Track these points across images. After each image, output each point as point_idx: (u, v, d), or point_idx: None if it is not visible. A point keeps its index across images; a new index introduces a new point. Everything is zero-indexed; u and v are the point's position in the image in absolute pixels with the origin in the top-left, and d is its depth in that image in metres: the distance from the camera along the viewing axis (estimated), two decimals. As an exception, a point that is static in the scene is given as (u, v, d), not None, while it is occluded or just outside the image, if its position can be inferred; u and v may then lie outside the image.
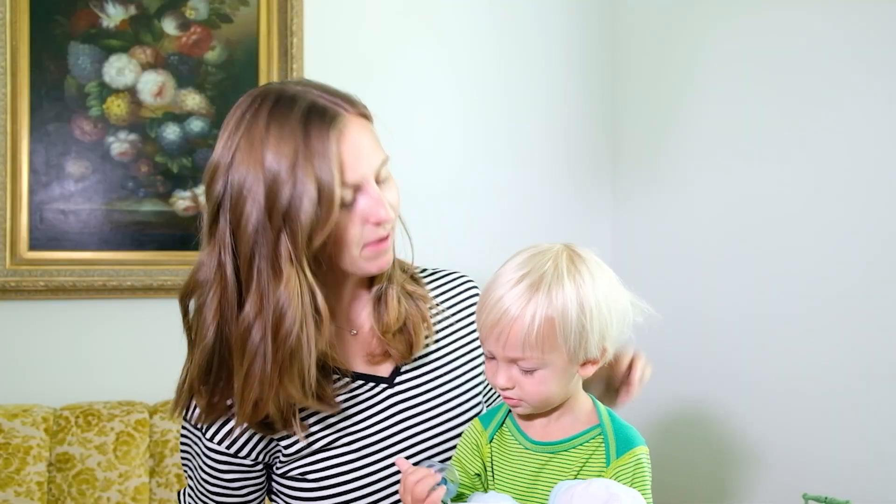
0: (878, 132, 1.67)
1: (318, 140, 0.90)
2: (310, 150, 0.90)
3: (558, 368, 0.90)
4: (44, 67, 1.98)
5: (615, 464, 0.90)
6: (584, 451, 0.92)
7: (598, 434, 0.93)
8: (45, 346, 1.98)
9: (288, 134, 0.90)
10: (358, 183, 0.94)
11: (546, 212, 2.43)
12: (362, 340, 1.08)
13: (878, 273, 1.66)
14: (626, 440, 0.92)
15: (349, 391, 1.04)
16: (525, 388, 0.91)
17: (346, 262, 0.98)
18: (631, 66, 2.44)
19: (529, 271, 0.89)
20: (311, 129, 0.91)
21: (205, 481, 1.03)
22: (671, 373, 2.24)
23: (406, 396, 1.07)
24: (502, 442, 0.98)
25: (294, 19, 2.13)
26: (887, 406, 1.63)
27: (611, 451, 0.91)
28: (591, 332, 0.89)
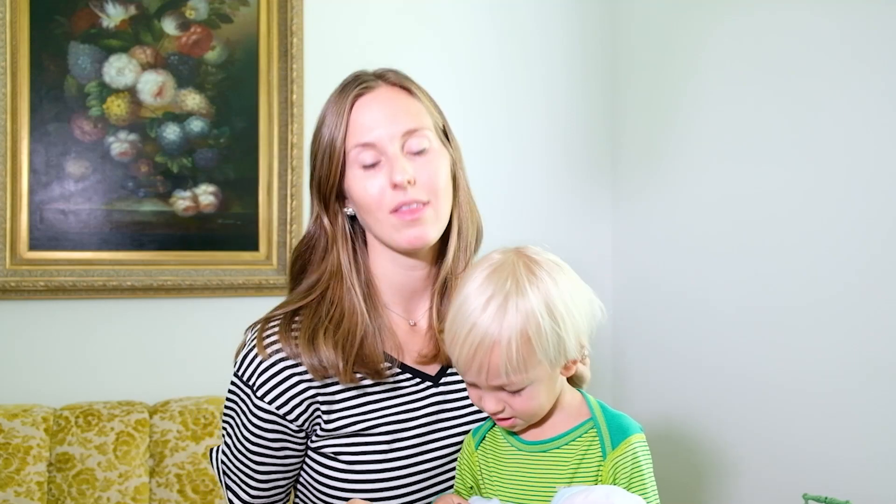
0: (876, 132, 1.67)
1: (339, 102, 1.04)
2: (332, 110, 1.04)
3: (544, 380, 0.89)
4: (44, 67, 1.98)
5: (611, 456, 0.89)
6: (578, 445, 0.91)
7: (591, 427, 0.92)
8: (45, 346, 1.98)
9: (331, 99, 1.07)
10: (373, 142, 1.02)
11: (546, 212, 2.43)
12: (419, 335, 1.10)
13: (877, 272, 1.66)
14: (620, 430, 0.91)
15: (395, 381, 1.06)
16: (516, 407, 0.90)
17: (375, 228, 1.05)
18: (631, 66, 2.44)
19: (493, 293, 0.87)
20: (341, 94, 1.05)
21: (247, 440, 1.03)
22: (671, 371, 2.24)
23: (449, 398, 1.08)
24: (494, 445, 0.97)
25: (294, 19, 2.13)
26: (887, 406, 1.63)
27: (606, 444, 0.90)
28: (567, 335, 0.88)
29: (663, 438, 2.25)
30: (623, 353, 2.45)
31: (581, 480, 0.89)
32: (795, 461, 1.83)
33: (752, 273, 1.96)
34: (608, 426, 0.91)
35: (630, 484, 0.88)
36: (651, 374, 2.33)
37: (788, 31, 1.87)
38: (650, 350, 2.34)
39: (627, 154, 2.45)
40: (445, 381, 1.09)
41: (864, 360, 1.68)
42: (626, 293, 2.45)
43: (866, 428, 1.68)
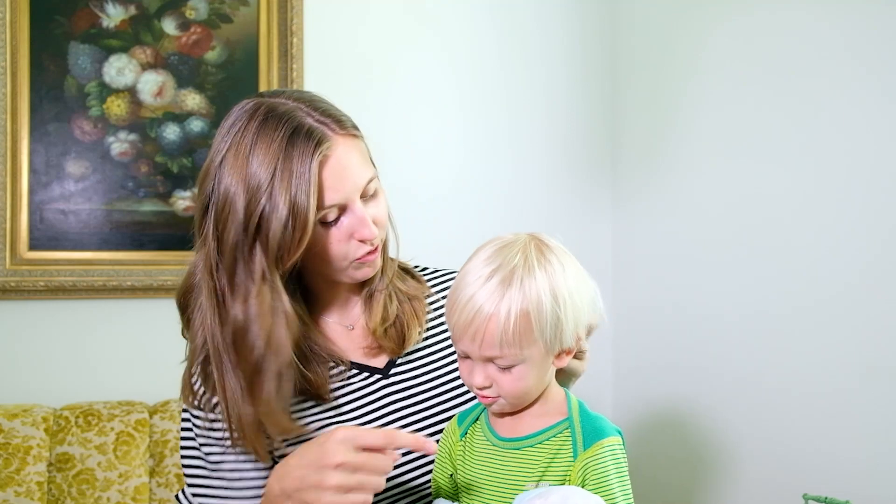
0: (876, 133, 1.67)
1: (298, 162, 0.92)
2: (288, 172, 0.92)
3: (535, 362, 0.88)
4: (44, 67, 1.98)
5: (582, 457, 0.87)
6: (551, 445, 0.90)
7: (565, 428, 0.90)
8: (45, 346, 1.98)
9: (271, 152, 0.92)
10: (342, 203, 0.96)
11: (546, 212, 2.43)
12: (359, 335, 1.10)
13: (878, 272, 1.66)
14: (594, 432, 0.89)
15: (344, 380, 1.06)
16: (503, 385, 0.89)
17: (332, 274, 1.01)
18: (631, 66, 2.44)
19: (499, 266, 0.87)
20: (293, 150, 0.93)
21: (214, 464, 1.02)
22: (671, 371, 2.24)
23: (400, 388, 1.08)
24: (472, 438, 0.97)
25: (294, 19, 2.13)
26: (887, 406, 1.63)
27: (578, 445, 0.88)
28: (566, 321, 0.87)
29: (663, 438, 2.25)
30: (623, 353, 2.45)
31: (549, 480, 0.88)
32: (795, 461, 1.83)
33: (752, 273, 1.96)
34: (583, 427, 0.90)
35: (598, 487, 0.86)
36: (651, 374, 2.33)
37: (788, 32, 1.87)
38: (650, 350, 2.34)
39: (627, 154, 2.45)
40: (394, 371, 1.09)
41: (865, 360, 1.68)
42: (626, 293, 2.45)
43: (866, 428, 1.68)
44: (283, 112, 0.95)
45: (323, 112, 0.97)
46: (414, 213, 2.31)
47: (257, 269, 0.94)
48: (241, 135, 0.95)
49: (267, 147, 0.93)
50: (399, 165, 2.28)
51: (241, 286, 0.95)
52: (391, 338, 1.08)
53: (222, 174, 0.94)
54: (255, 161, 0.92)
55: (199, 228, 0.98)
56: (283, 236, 0.92)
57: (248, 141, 0.94)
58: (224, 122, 0.98)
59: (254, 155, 0.93)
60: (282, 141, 0.93)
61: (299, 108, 0.96)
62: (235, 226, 0.93)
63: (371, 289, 1.09)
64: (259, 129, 0.94)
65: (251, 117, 0.95)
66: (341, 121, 0.98)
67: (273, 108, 0.96)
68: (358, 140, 1.00)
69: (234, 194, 0.93)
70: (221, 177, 0.94)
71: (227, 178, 0.94)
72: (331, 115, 0.98)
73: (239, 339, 0.95)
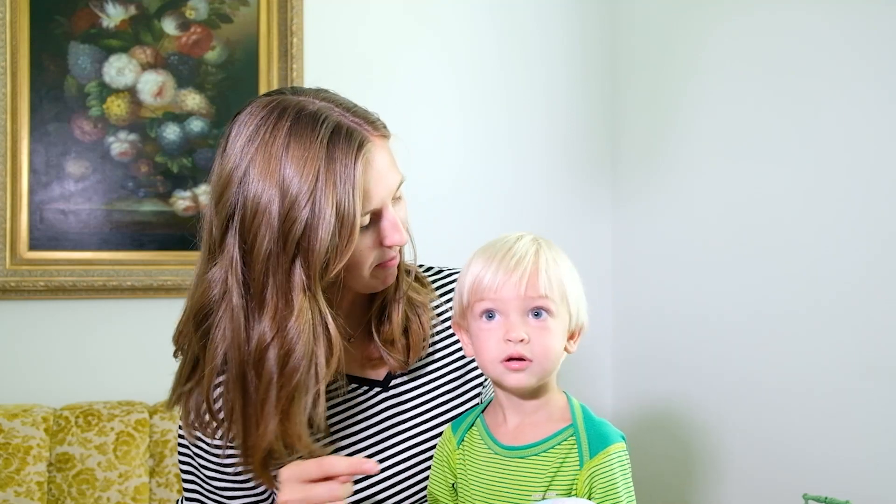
0: (877, 132, 1.67)
1: (342, 165, 0.86)
2: (332, 175, 0.85)
3: (562, 326, 0.91)
4: (44, 67, 1.98)
5: (588, 465, 0.87)
6: (557, 453, 0.89)
7: (570, 435, 0.89)
8: (45, 346, 1.98)
9: (311, 154, 0.85)
10: (377, 208, 0.93)
11: (546, 212, 2.43)
12: (359, 345, 1.06)
13: (878, 272, 1.66)
14: (600, 439, 0.88)
15: (344, 395, 1.03)
16: (537, 340, 0.88)
17: (355, 283, 0.97)
18: (631, 66, 2.44)
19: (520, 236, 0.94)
20: (335, 152, 0.86)
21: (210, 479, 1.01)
22: (671, 371, 2.24)
23: (400, 400, 1.06)
24: (471, 445, 0.95)
25: (294, 19, 2.13)
26: (887, 406, 1.63)
27: (584, 452, 0.87)
28: (580, 298, 0.93)
29: (663, 438, 2.25)
30: (623, 353, 2.45)
31: (557, 489, 0.87)
32: (795, 461, 1.83)
33: (752, 272, 1.96)
34: (588, 434, 0.89)
35: (605, 495, 0.86)
36: (651, 374, 2.33)
37: (788, 32, 1.87)
38: (650, 350, 2.34)
39: (627, 154, 2.45)
40: (395, 383, 1.06)
41: (865, 360, 1.68)
42: (626, 293, 2.45)
43: (866, 428, 1.68)
44: (317, 111, 0.89)
45: (354, 112, 0.93)
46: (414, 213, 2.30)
47: (297, 281, 0.87)
48: (270, 137, 0.87)
49: (305, 150, 0.85)
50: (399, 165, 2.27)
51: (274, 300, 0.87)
52: (399, 350, 1.04)
53: (249, 180, 0.86)
54: (292, 165, 0.85)
55: (220, 242, 0.90)
56: (331, 243, 0.85)
57: (280, 143, 0.86)
58: (241, 125, 0.90)
59: (289, 158, 0.85)
60: (322, 142, 0.86)
61: (331, 108, 0.91)
62: (270, 236, 0.86)
63: (387, 297, 1.04)
64: (293, 127, 0.87)
65: (280, 118, 0.88)
66: (374, 122, 0.95)
67: (303, 107, 0.89)
68: (387, 140, 0.98)
69: (268, 202, 0.85)
70: (248, 183, 0.86)
71: (256, 184, 0.86)
72: (362, 115, 0.94)
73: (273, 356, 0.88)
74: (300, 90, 0.94)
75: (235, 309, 0.89)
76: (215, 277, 0.91)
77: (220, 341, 0.90)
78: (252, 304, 0.89)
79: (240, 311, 0.89)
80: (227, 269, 0.89)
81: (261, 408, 0.89)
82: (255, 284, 0.88)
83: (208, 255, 0.93)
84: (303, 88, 0.95)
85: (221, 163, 0.90)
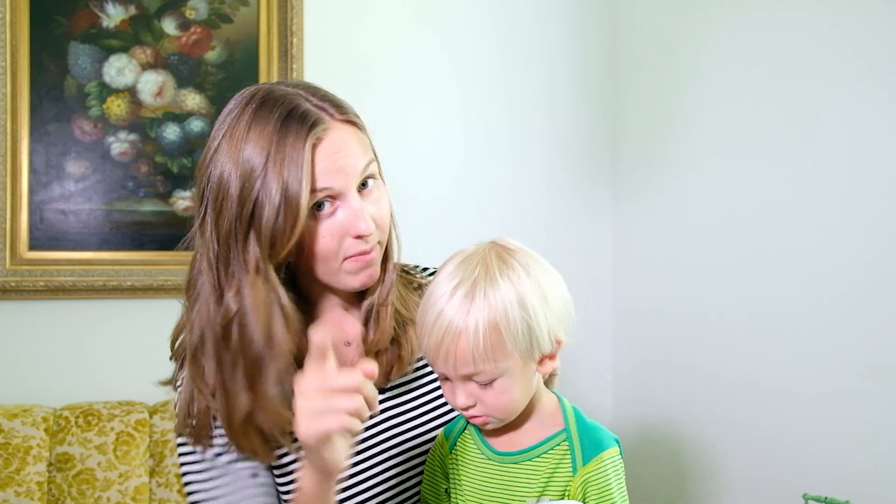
0: (878, 132, 1.67)
1: (291, 145, 0.88)
2: (281, 154, 0.88)
3: (516, 373, 0.85)
4: (44, 67, 1.98)
5: (581, 472, 0.86)
6: (550, 458, 0.87)
7: (563, 440, 0.88)
8: (45, 346, 1.98)
9: (265, 135, 0.89)
10: (335, 192, 0.92)
11: (546, 212, 2.43)
12: (354, 351, 1.05)
13: (879, 272, 1.66)
14: (593, 444, 0.87)
15: None
16: (487, 402, 0.86)
17: (324, 275, 0.96)
18: (631, 66, 2.44)
19: (461, 280, 0.84)
20: (286, 132, 0.89)
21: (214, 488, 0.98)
22: (671, 370, 2.24)
23: (400, 401, 1.05)
24: (464, 450, 0.93)
25: (294, 19, 2.13)
26: (887, 406, 1.63)
27: (577, 458, 0.86)
28: (539, 327, 0.85)
29: (663, 438, 2.25)
30: (623, 353, 2.45)
31: (551, 494, 0.86)
32: (795, 461, 1.83)
33: (752, 272, 1.96)
34: (581, 439, 0.87)
35: (599, 501, 0.85)
36: (651, 374, 2.33)
37: (788, 31, 1.87)
38: (651, 349, 2.34)
39: (627, 154, 2.45)
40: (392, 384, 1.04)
41: (865, 360, 1.68)
42: (626, 293, 2.45)
43: (866, 428, 1.68)
44: (280, 96, 0.92)
45: (322, 97, 0.94)
46: (414, 213, 2.31)
47: (251, 258, 0.90)
48: (236, 120, 0.91)
49: (261, 130, 0.89)
50: (399, 165, 2.27)
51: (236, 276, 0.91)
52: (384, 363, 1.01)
53: (216, 161, 0.91)
54: (249, 145, 0.89)
55: (200, 220, 0.94)
56: (276, 223, 0.88)
57: (242, 125, 0.90)
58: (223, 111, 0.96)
59: (248, 139, 0.89)
60: (276, 123, 0.89)
61: (298, 93, 0.93)
62: (230, 213, 0.90)
63: (372, 302, 1.02)
64: (255, 113, 0.91)
65: (248, 102, 0.92)
66: (341, 106, 0.95)
67: (270, 93, 0.93)
68: (358, 129, 0.96)
69: (229, 180, 0.90)
70: (216, 164, 0.91)
71: (221, 164, 0.91)
72: (329, 99, 0.94)
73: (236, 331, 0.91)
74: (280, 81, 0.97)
75: (208, 285, 0.93)
76: (199, 255, 0.95)
77: (197, 317, 0.94)
78: (221, 277, 0.93)
79: (211, 286, 0.93)
80: (205, 248, 0.93)
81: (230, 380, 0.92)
82: (222, 260, 0.92)
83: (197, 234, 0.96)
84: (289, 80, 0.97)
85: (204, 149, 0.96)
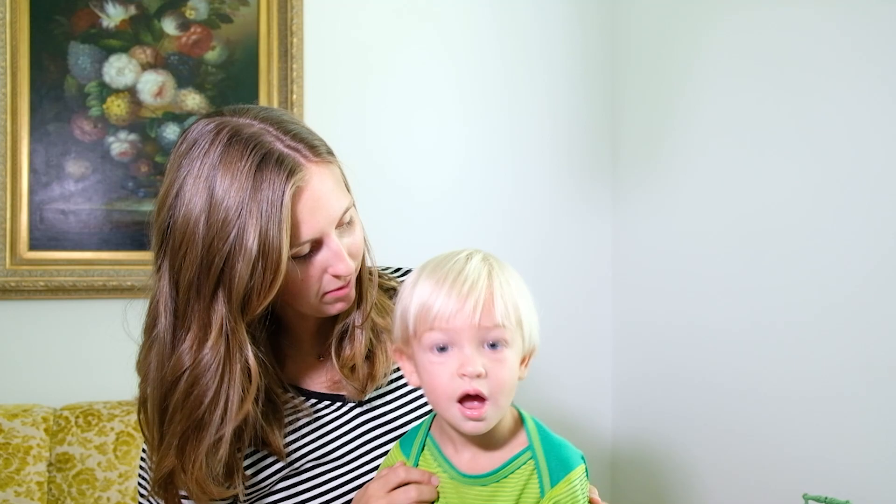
0: (881, 128, 1.66)
1: (269, 195, 0.82)
2: (258, 206, 0.81)
3: (517, 355, 0.84)
4: (44, 67, 1.98)
5: (550, 495, 0.83)
6: (517, 479, 0.84)
7: (529, 458, 0.85)
8: (45, 346, 1.98)
9: (237, 183, 0.82)
10: (316, 238, 0.87)
11: (546, 212, 2.43)
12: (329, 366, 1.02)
13: (881, 273, 1.66)
14: (560, 465, 0.84)
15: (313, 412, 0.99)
16: (496, 374, 0.81)
17: (302, 308, 0.93)
18: (631, 65, 2.44)
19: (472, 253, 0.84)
20: (262, 179, 0.82)
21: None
22: (671, 370, 2.24)
23: (376, 414, 1.02)
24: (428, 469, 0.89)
25: (294, 19, 2.13)
26: (887, 407, 1.63)
27: (544, 480, 0.83)
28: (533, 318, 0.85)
29: (663, 438, 2.25)
30: (623, 354, 2.45)
31: None
32: (795, 461, 1.83)
33: (753, 272, 1.96)
34: (547, 460, 0.84)
35: None
36: (651, 374, 2.33)
37: (788, 30, 1.87)
38: (651, 350, 2.34)
39: (628, 153, 2.45)
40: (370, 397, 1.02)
41: (865, 361, 1.68)
42: (626, 293, 2.45)
43: (866, 428, 1.68)
44: (250, 135, 0.84)
45: (294, 136, 0.87)
46: (414, 213, 2.31)
47: (216, 316, 0.84)
48: (200, 160, 0.83)
49: (232, 176, 0.82)
50: (399, 165, 2.28)
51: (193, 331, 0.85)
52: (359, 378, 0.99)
53: (179, 204, 0.84)
54: (220, 190, 0.82)
55: (155, 261, 0.89)
56: (253, 279, 0.82)
57: (209, 165, 0.83)
58: (179, 143, 0.87)
59: (218, 183, 0.82)
60: (250, 170, 0.82)
61: (267, 130, 0.86)
62: (194, 262, 0.83)
63: (347, 323, 0.99)
64: (223, 153, 0.83)
65: (214, 140, 0.84)
66: (315, 146, 0.88)
67: (238, 131, 0.85)
68: (332, 166, 0.90)
69: (195, 225, 0.83)
70: (179, 204, 0.84)
71: (186, 205, 0.83)
72: (302, 139, 0.87)
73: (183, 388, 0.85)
74: (242, 109, 0.89)
75: (163, 334, 0.87)
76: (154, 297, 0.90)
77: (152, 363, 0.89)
78: (177, 329, 0.87)
79: (167, 336, 0.87)
80: (161, 293, 0.88)
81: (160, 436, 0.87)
82: (180, 309, 0.86)
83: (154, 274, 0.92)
84: (246, 107, 0.90)
85: (163, 181, 0.89)
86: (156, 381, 0.88)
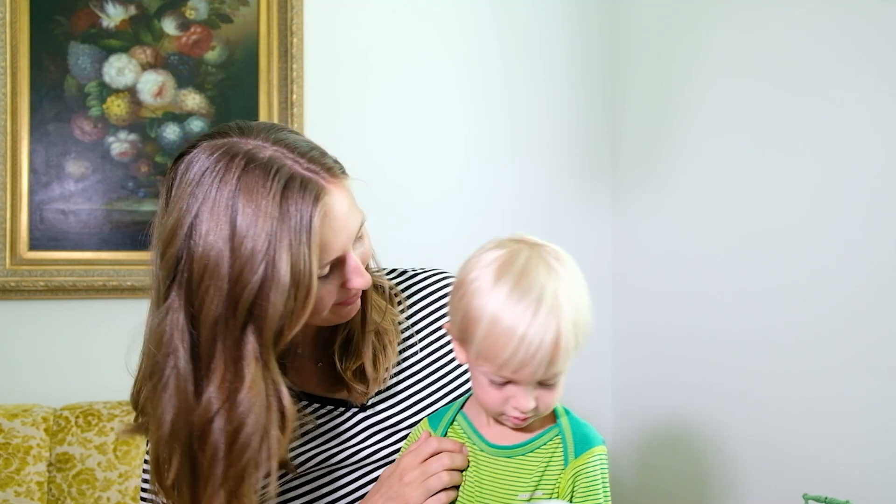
0: (881, 128, 1.66)
1: (298, 222, 0.79)
2: (287, 234, 0.78)
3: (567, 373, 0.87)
4: (44, 67, 1.98)
5: (573, 464, 0.87)
6: (543, 453, 0.89)
7: (556, 435, 0.90)
8: (45, 346, 1.98)
9: (263, 212, 0.78)
10: (339, 256, 0.86)
11: (546, 212, 2.43)
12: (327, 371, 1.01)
13: (881, 273, 1.66)
14: (584, 440, 0.89)
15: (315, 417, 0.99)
16: (544, 401, 0.86)
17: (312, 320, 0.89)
18: (630, 65, 2.44)
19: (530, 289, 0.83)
20: (289, 208, 0.79)
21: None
22: (671, 370, 2.24)
23: (381, 418, 1.02)
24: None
25: (294, 19, 2.13)
26: (887, 407, 1.63)
27: (569, 452, 0.88)
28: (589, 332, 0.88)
29: (663, 438, 2.25)
30: (623, 353, 2.45)
31: (544, 489, 0.87)
32: (795, 461, 1.83)
33: (753, 272, 1.96)
34: (573, 435, 0.89)
35: (586, 495, 0.87)
36: (651, 374, 2.33)
37: (788, 29, 1.87)
38: (651, 350, 2.34)
39: (628, 153, 2.45)
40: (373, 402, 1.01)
41: (865, 361, 1.68)
42: (626, 293, 2.45)
43: (866, 428, 1.68)
44: (269, 160, 0.80)
45: (310, 159, 0.84)
46: (414, 214, 2.31)
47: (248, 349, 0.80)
48: (217, 188, 0.79)
49: (256, 204, 0.78)
50: (399, 165, 2.28)
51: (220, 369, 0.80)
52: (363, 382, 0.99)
53: (196, 236, 0.79)
54: (244, 220, 0.77)
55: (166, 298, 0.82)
56: (286, 310, 0.79)
57: (227, 194, 0.78)
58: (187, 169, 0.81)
59: (240, 213, 0.78)
60: (275, 197, 0.78)
61: (283, 153, 0.82)
62: (219, 299, 0.78)
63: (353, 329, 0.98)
64: (242, 180, 0.79)
65: (228, 168, 0.79)
66: (330, 167, 0.85)
67: (253, 156, 0.80)
68: (346, 183, 0.88)
69: (217, 262, 0.78)
70: (195, 240, 0.79)
71: (203, 241, 0.78)
72: (317, 161, 0.84)
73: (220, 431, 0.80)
74: (249, 129, 0.85)
75: (182, 373, 0.81)
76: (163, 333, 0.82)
77: (168, 405, 0.82)
78: (199, 370, 0.81)
79: (187, 375, 0.81)
80: (174, 329, 0.81)
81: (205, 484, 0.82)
82: (203, 349, 0.81)
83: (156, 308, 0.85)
84: (252, 127, 0.86)
85: (166, 211, 0.83)
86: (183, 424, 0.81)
